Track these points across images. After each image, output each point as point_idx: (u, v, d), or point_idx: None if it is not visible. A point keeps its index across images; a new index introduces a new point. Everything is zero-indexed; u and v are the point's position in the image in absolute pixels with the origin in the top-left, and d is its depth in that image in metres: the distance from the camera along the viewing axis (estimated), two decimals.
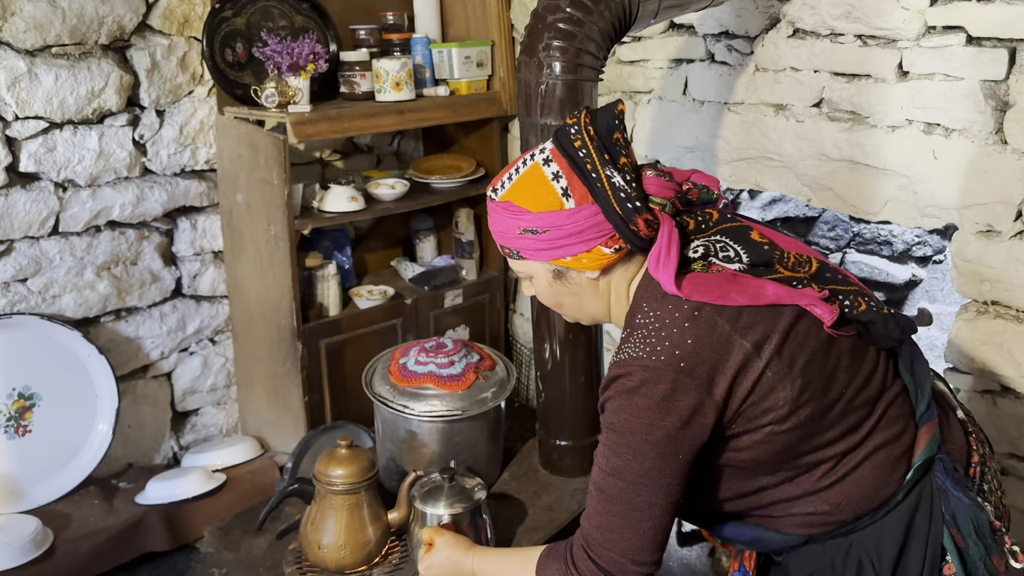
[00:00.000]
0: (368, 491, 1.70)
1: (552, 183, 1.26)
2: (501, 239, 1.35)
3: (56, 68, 2.48)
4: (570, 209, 1.25)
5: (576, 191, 1.25)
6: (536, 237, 1.28)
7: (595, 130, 1.26)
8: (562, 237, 1.27)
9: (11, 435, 2.56)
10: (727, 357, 1.18)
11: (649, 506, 1.21)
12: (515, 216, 1.30)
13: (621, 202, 1.22)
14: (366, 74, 2.85)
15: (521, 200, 1.29)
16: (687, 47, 2.53)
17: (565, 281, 1.33)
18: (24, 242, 2.54)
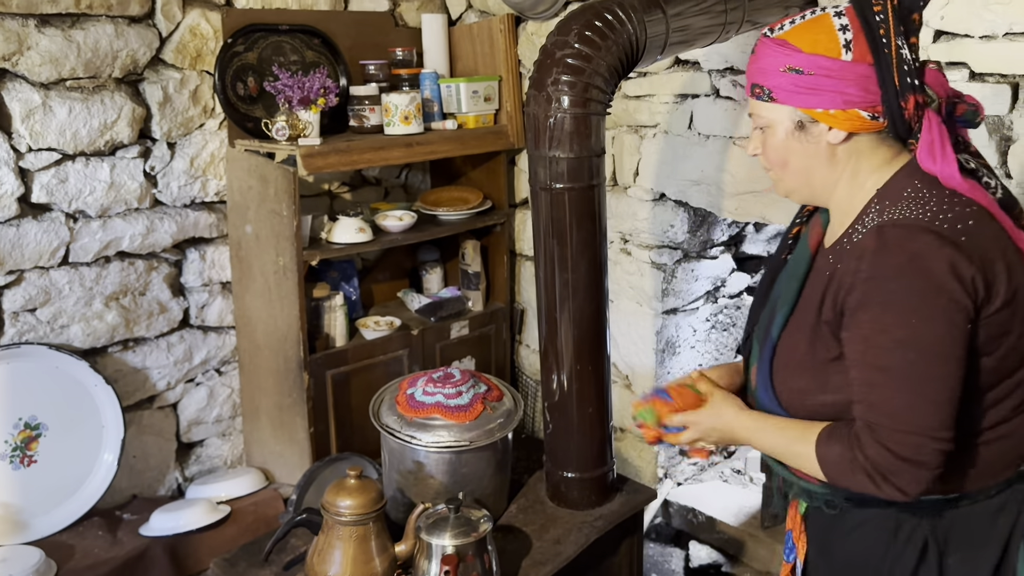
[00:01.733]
0: (376, 522, 1.69)
1: (838, 32, 1.24)
2: (757, 76, 1.31)
3: (70, 101, 2.51)
4: (846, 60, 1.23)
5: (858, 48, 1.22)
6: (799, 77, 1.25)
7: (899, 1, 1.23)
8: (827, 85, 1.23)
9: (16, 465, 2.55)
10: (1000, 257, 1.19)
11: (945, 376, 1.17)
12: (785, 53, 1.26)
13: (903, 74, 1.19)
14: (375, 108, 2.89)
15: (798, 40, 1.26)
16: (692, 82, 2.56)
17: (805, 136, 1.28)
18: (34, 272, 2.56)
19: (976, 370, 1.21)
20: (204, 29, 2.73)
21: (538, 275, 1.97)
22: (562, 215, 1.86)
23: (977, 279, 1.16)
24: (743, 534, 2.73)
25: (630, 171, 2.80)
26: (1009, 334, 1.21)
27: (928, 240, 1.16)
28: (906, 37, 1.22)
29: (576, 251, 1.89)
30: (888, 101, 1.21)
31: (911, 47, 1.22)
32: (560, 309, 1.94)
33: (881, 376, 1.19)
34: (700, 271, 2.90)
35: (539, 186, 1.87)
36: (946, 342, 1.16)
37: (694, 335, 2.97)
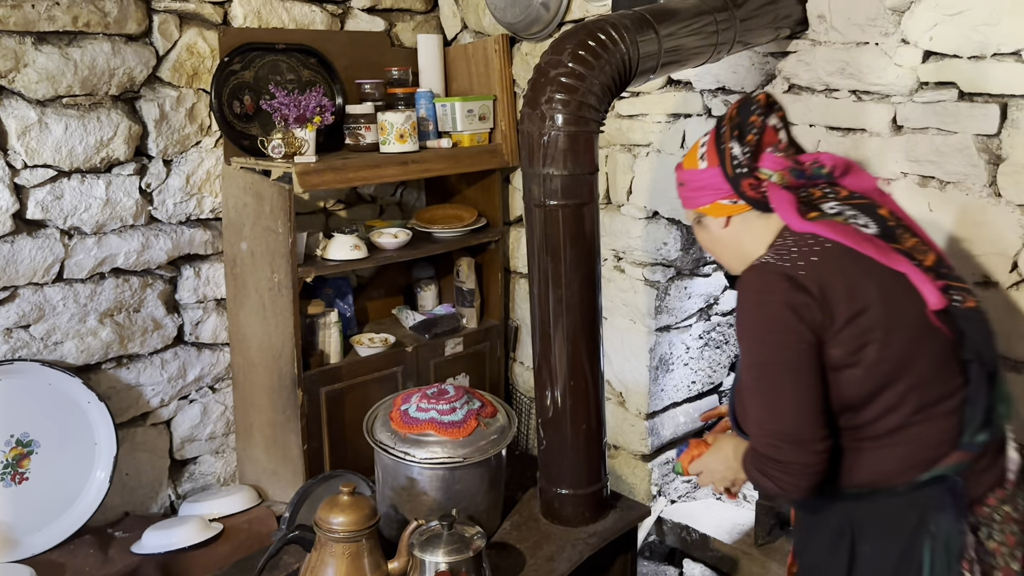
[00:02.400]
0: (369, 539, 1.69)
1: (699, 148, 1.59)
2: (678, 190, 1.66)
3: (66, 118, 2.53)
4: (702, 168, 1.57)
5: (709, 157, 1.56)
6: (683, 188, 1.62)
7: (738, 111, 1.54)
8: (694, 190, 1.59)
9: (8, 483, 2.54)
10: (841, 282, 1.40)
11: (795, 388, 1.40)
12: (680, 172, 1.63)
13: (732, 167, 1.52)
14: (371, 126, 2.91)
15: (685, 162, 1.62)
16: (685, 102, 2.59)
17: (705, 228, 1.62)
18: (28, 288, 2.56)
19: (848, 380, 1.42)
20: (201, 48, 2.75)
21: (532, 292, 1.98)
22: (556, 232, 1.88)
23: (812, 306, 1.40)
24: (737, 552, 2.72)
25: (623, 189, 2.82)
26: (867, 346, 1.40)
27: (768, 277, 1.44)
28: (740, 139, 1.52)
29: (570, 268, 1.90)
30: (733, 187, 1.54)
31: (745, 143, 1.52)
32: (554, 325, 1.95)
33: (748, 393, 1.48)
34: (693, 288, 2.91)
35: (533, 203, 1.89)
36: (791, 360, 1.40)
37: (687, 352, 2.98)
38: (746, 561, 2.69)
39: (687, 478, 2.97)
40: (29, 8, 2.41)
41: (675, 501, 3.03)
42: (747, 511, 2.92)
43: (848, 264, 1.43)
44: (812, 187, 1.54)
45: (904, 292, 1.43)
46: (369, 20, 3.17)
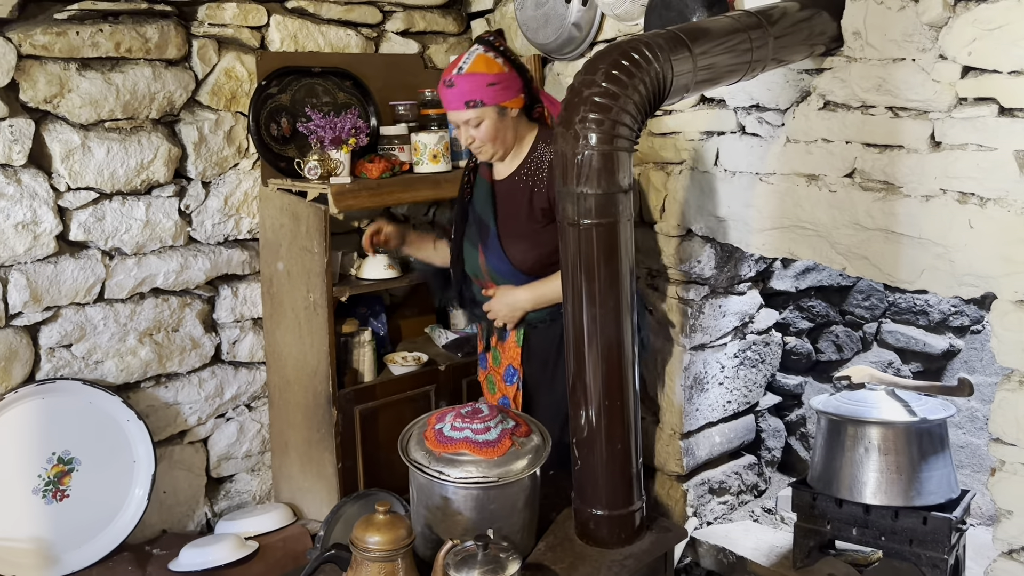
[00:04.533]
0: (405, 559, 1.69)
1: (495, 60, 2.27)
2: (469, 95, 2.24)
3: (108, 141, 2.59)
4: (508, 71, 2.28)
5: (507, 65, 2.28)
6: (494, 87, 2.24)
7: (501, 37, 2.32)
8: (507, 85, 2.26)
9: (49, 500, 2.58)
10: None
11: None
12: (482, 76, 2.23)
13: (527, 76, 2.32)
14: (404, 147, 2.94)
15: (482, 69, 2.24)
16: (718, 119, 2.58)
17: (503, 118, 2.28)
18: (70, 308, 2.61)
19: None
20: (239, 72, 2.80)
21: (566, 310, 1.97)
22: (590, 250, 1.87)
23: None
24: (775, 574, 2.67)
25: (656, 207, 2.81)
26: None
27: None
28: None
29: (604, 286, 1.89)
30: (527, 90, 2.32)
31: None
32: (588, 344, 1.94)
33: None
34: (728, 307, 2.89)
35: (567, 222, 1.88)
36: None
37: (722, 371, 2.95)
38: None
39: None
40: (74, 35, 2.48)
41: (711, 523, 2.99)
42: (785, 533, 2.88)
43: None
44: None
45: None
46: (403, 43, 3.21)
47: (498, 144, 2.31)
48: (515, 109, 2.29)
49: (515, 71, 2.29)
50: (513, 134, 2.32)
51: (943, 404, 2.57)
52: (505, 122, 2.28)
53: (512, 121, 2.30)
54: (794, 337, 3.23)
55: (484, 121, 2.27)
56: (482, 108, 2.25)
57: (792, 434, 3.28)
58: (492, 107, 2.25)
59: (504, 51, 2.29)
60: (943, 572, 2.43)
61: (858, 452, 2.52)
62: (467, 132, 2.30)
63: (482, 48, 2.28)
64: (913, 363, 3.34)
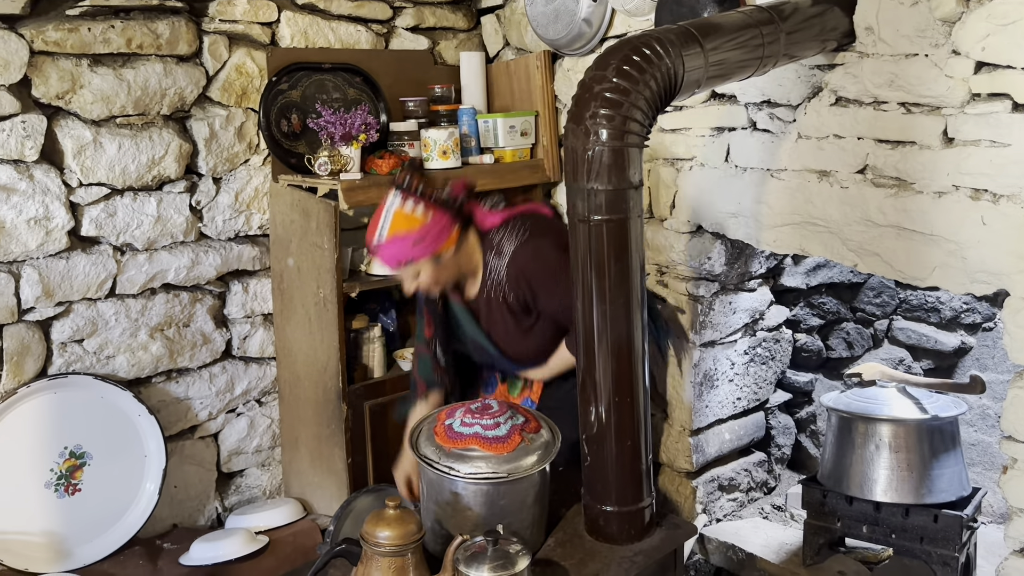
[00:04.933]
0: (414, 554, 1.69)
1: (415, 214, 2.15)
2: (399, 258, 2.17)
3: (120, 137, 2.59)
4: (431, 218, 2.16)
5: (429, 211, 2.16)
6: (419, 243, 2.15)
7: (414, 171, 2.21)
8: (435, 236, 2.16)
9: (61, 494, 2.60)
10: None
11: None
12: (403, 239, 2.14)
13: (452, 205, 2.21)
14: (414, 143, 2.94)
15: (402, 228, 2.14)
16: (729, 115, 2.57)
17: (441, 261, 2.20)
18: (82, 304, 2.62)
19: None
20: (249, 68, 2.81)
21: (576, 307, 1.97)
22: (600, 247, 1.87)
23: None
24: (785, 572, 2.67)
25: (666, 204, 2.81)
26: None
27: (534, 246, 2.26)
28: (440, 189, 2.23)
29: (614, 283, 1.89)
30: (457, 217, 2.22)
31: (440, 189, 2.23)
32: (598, 341, 1.94)
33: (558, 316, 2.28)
34: (738, 304, 2.88)
35: (577, 218, 1.88)
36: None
37: (732, 368, 2.95)
38: None
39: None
40: (86, 31, 2.49)
41: (720, 520, 2.99)
42: (795, 530, 2.87)
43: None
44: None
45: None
46: (413, 39, 3.21)
47: (444, 281, 2.26)
48: (450, 248, 2.20)
49: (438, 210, 2.18)
50: (457, 265, 2.25)
51: (955, 401, 2.56)
52: (444, 263, 2.21)
53: (451, 258, 2.22)
54: (805, 334, 3.22)
55: (422, 272, 2.22)
56: (415, 264, 2.19)
57: (802, 431, 3.27)
58: (425, 259, 2.18)
59: (422, 193, 2.17)
60: (954, 570, 2.42)
61: (869, 449, 2.51)
62: (408, 282, 2.25)
63: (399, 200, 2.16)
64: (924, 360, 3.33)
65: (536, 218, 2.34)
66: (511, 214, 2.33)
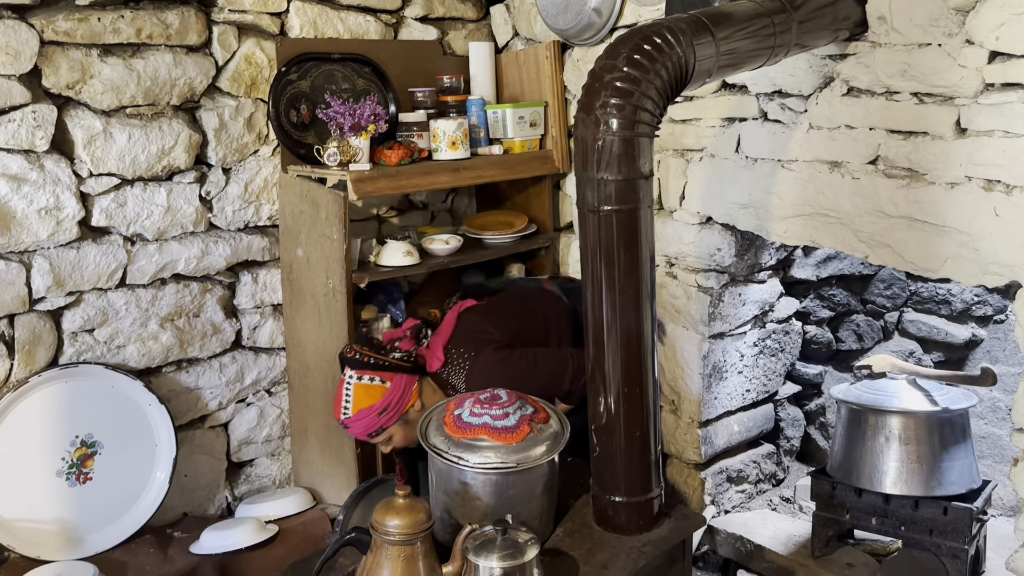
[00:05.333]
0: (424, 542, 1.70)
1: (373, 383, 2.28)
2: (369, 430, 2.30)
3: (129, 127, 2.60)
4: (391, 383, 2.29)
5: (388, 378, 2.29)
6: (384, 413, 2.28)
7: (362, 345, 2.34)
8: (399, 399, 2.30)
9: (72, 482, 2.61)
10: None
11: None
12: (368, 413, 2.27)
13: (406, 363, 2.35)
14: (423, 134, 2.94)
15: (364, 403, 2.27)
16: (740, 106, 2.56)
17: (409, 421, 2.31)
18: (92, 293, 2.63)
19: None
20: (259, 58, 2.81)
21: (585, 297, 1.97)
22: (610, 237, 1.87)
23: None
24: (793, 563, 2.67)
25: (676, 195, 2.80)
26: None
27: (479, 372, 2.36)
28: (386, 351, 2.37)
29: (624, 273, 1.89)
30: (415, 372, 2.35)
31: (391, 351, 2.38)
32: (608, 332, 1.94)
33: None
34: (748, 295, 2.87)
35: (587, 208, 1.88)
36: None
37: (741, 360, 2.94)
38: (803, 573, 2.64)
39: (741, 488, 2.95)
40: (95, 21, 2.49)
41: (728, 511, 2.98)
42: (803, 522, 2.87)
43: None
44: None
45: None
46: (422, 29, 3.20)
47: (416, 439, 2.19)
48: (415, 404, 2.33)
49: (395, 374, 2.30)
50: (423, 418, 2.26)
51: (965, 394, 2.55)
52: (413, 422, 2.28)
53: (418, 413, 2.30)
54: (814, 326, 3.21)
55: (394, 435, 2.34)
56: (386, 431, 2.32)
57: (811, 423, 3.27)
58: (395, 424, 2.31)
59: (374, 363, 2.29)
60: (963, 562, 2.41)
61: (879, 441, 2.51)
62: (383, 447, 2.40)
63: (355, 375, 2.28)
64: (935, 353, 3.32)
65: (465, 331, 2.41)
66: (444, 342, 2.40)
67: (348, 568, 1.86)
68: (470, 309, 2.47)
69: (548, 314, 2.51)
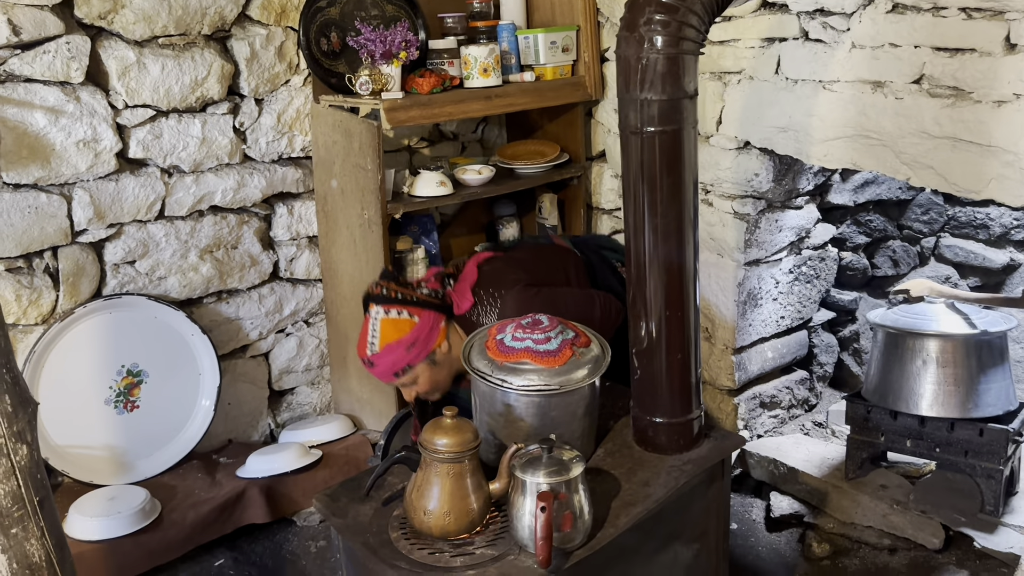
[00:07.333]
0: (472, 460, 1.73)
1: (401, 317, 2.16)
2: (396, 366, 2.16)
3: (162, 58, 2.59)
4: (419, 319, 2.17)
5: (414, 312, 2.17)
6: (416, 345, 2.15)
7: (388, 281, 2.22)
8: (427, 335, 2.17)
9: (120, 410, 2.69)
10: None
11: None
12: (396, 347, 2.14)
13: (435, 300, 2.23)
14: (454, 61, 2.90)
15: (392, 337, 2.14)
16: (780, 25, 2.50)
17: (436, 361, 2.19)
18: (133, 226, 2.66)
19: None
20: None
21: (627, 221, 1.97)
22: (653, 159, 1.85)
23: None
24: (827, 485, 2.71)
25: (712, 119, 2.76)
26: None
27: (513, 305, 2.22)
28: (412, 287, 2.24)
29: (667, 196, 1.88)
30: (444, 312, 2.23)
31: (419, 287, 2.26)
32: (649, 256, 1.94)
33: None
34: (784, 221, 2.85)
35: (629, 130, 1.86)
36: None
37: (776, 287, 2.94)
38: (836, 495, 2.68)
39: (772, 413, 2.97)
40: None
41: (761, 436, 3.02)
42: (836, 446, 2.90)
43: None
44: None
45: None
46: None
47: (441, 384, 2.24)
48: (443, 344, 2.21)
49: (423, 310, 2.19)
50: (450, 363, 2.22)
51: (1004, 317, 2.54)
52: (440, 363, 2.20)
53: (445, 356, 2.21)
54: (850, 252, 3.20)
55: (419, 376, 2.20)
56: (412, 370, 2.18)
57: (844, 350, 3.28)
58: (421, 363, 2.18)
59: (402, 297, 2.18)
60: (998, 483, 2.44)
61: (915, 365, 2.52)
62: (407, 392, 2.25)
63: (382, 311, 2.17)
64: (971, 278, 3.30)
65: (491, 274, 2.30)
66: (472, 283, 2.28)
67: (397, 486, 1.90)
68: (489, 259, 2.41)
69: (565, 263, 2.46)
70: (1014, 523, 2.46)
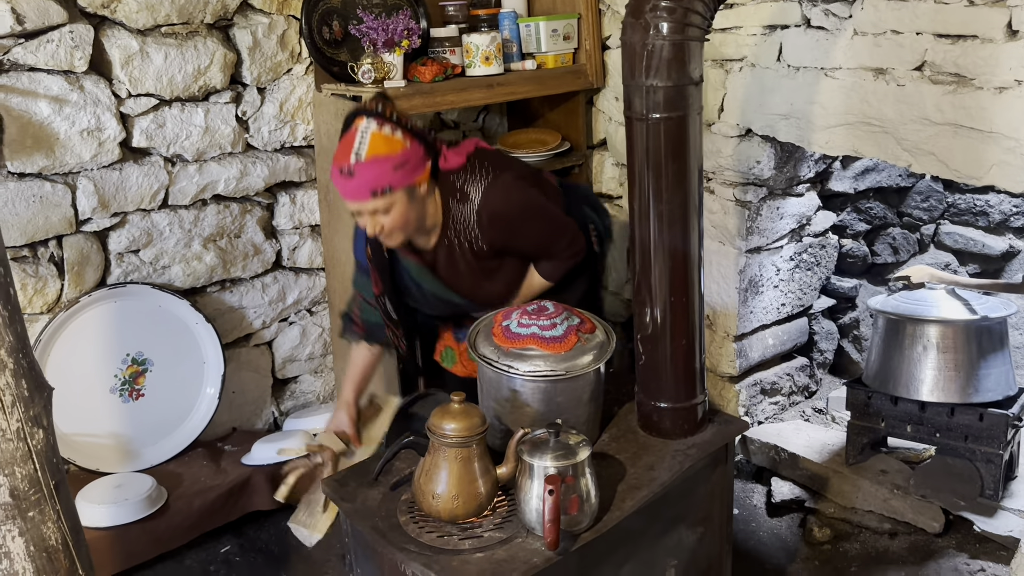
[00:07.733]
0: (479, 445, 1.75)
1: (394, 136, 1.98)
2: (378, 183, 1.95)
3: (165, 47, 2.59)
4: (410, 144, 1.99)
5: (406, 137, 1.99)
6: (403, 168, 1.97)
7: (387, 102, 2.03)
8: (414, 164, 1.99)
9: (125, 398, 2.70)
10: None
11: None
12: (386, 159, 1.95)
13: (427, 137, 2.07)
14: (456, 50, 2.91)
15: (382, 151, 1.95)
16: (782, 12, 2.51)
17: (414, 197, 2.02)
18: (137, 214, 2.67)
19: None
20: None
21: (632, 208, 1.98)
22: (658, 146, 1.86)
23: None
24: (827, 470, 2.74)
25: (714, 107, 2.77)
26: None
27: (503, 186, 2.11)
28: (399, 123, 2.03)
29: (671, 183, 1.89)
30: (430, 153, 2.06)
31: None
32: (654, 242, 1.95)
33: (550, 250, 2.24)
34: (785, 209, 2.87)
35: (635, 116, 1.87)
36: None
37: (777, 274, 2.95)
38: (836, 480, 2.71)
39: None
40: None
41: (762, 422, 3.04)
42: (836, 432, 2.92)
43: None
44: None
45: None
46: None
47: (409, 228, 2.06)
48: (424, 183, 2.03)
49: (415, 139, 2.02)
50: (423, 209, 2.06)
51: (1004, 303, 2.56)
52: (416, 201, 2.03)
53: (421, 199, 2.04)
54: (851, 239, 3.21)
55: (394, 206, 1.99)
56: (391, 194, 1.97)
57: (844, 336, 3.30)
58: (402, 190, 1.98)
59: (398, 120, 2.01)
60: (997, 467, 2.46)
61: (916, 350, 2.54)
62: (374, 221, 2.02)
63: (374, 123, 1.97)
64: (970, 265, 3.32)
65: (491, 154, 2.19)
66: (469, 151, 2.15)
67: (405, 471, 1.92)
68: (491, 148, 2.28)
69: (554, 194, 2.33)
70: (1013, 507, 2.48)
